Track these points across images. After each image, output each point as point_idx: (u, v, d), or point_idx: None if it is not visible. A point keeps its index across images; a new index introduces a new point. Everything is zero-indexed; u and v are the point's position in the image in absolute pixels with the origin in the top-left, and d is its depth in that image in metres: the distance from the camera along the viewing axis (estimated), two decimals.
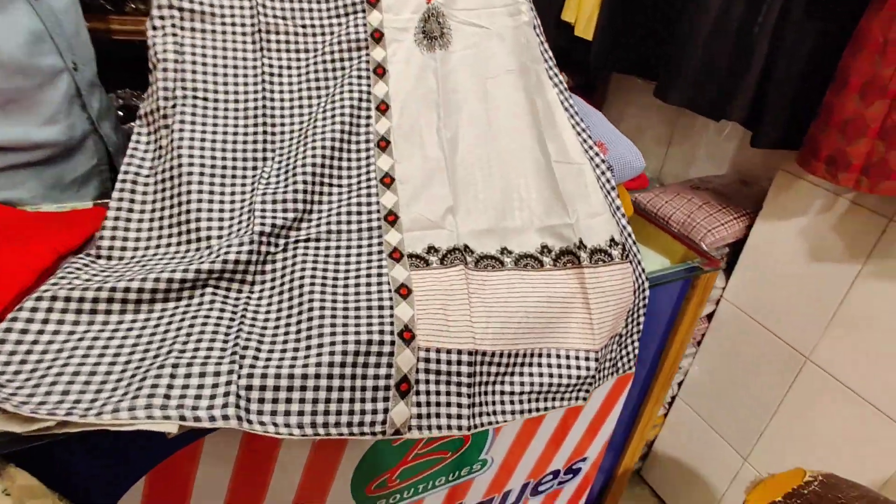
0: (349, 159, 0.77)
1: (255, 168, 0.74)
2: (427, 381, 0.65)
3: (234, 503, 0.69)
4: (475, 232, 0.76)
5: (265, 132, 0.76)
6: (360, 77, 0.80)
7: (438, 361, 0.65)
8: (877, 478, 1.05)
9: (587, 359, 0.74)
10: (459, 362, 0.66)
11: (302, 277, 0.66)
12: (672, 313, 0.94)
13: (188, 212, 0.68)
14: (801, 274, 1.11)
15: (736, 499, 1.37)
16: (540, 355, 0.73)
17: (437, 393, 0.65)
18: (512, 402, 0.71)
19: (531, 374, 0.72)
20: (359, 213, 0.73)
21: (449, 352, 0.66)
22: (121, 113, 1.16)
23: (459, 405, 0.66)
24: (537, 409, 0.73)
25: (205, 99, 0.73)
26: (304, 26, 0.81)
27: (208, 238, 0.67)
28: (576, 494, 1.14)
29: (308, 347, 0.60)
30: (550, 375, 0.73)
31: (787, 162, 1.09)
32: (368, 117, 0.79)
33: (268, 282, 0.67)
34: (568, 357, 0.74)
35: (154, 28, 0.73)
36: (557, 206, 0.79)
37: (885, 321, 0.99)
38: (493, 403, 0.70)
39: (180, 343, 0.57)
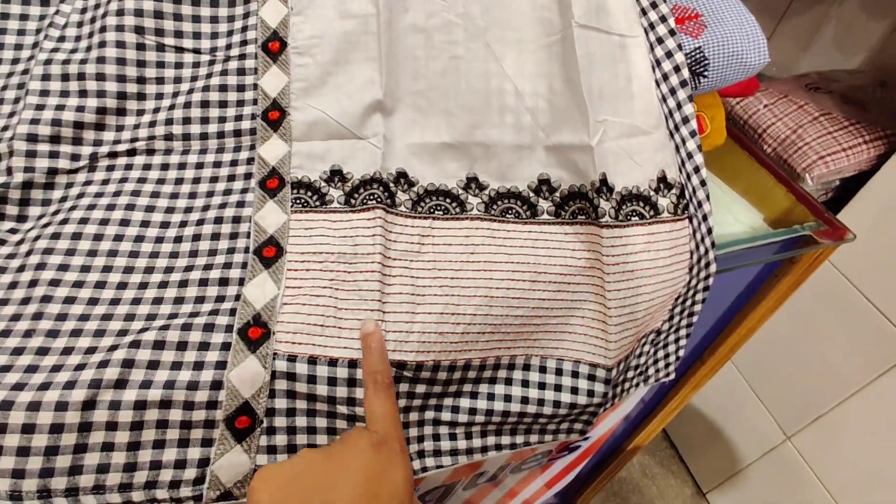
0: (211, 1, 0.45)
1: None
2: (289, 413, 0.38)
3: None
4: (423, 147, 0.44)
5: None
6: None
7: (312, 379, 0.37)
8: None
9: (591, 377, 0.44)
10: (351, 381, 0.38)
11: (103, 230, 0.38)
12: (745, 295, 0.62)
13: None
14: None
15: (763, 474, 1.15)
16: (511, 367, 0.44)
17: (310, 430, 0.38)
18: (453, 437, 0.44)
19: (491, 397, 0.44)
20: (222, 102, 0.43)
21: (333, 362, 0.37)
22: None
23: None
24: (497, 447, 0.45)
25: None
26: None
27: None
28: (567, 468, 0.93)
29: (80, 367, 0.33)
30: (524, 400, 0.44)
31: None
32: None
33: (36, 229, 0.39)
34: (560, 372, 0.44)
35: None
36: (573, 110, 0.44)
37: None
38: (421, 440, 0.43)
39: None
